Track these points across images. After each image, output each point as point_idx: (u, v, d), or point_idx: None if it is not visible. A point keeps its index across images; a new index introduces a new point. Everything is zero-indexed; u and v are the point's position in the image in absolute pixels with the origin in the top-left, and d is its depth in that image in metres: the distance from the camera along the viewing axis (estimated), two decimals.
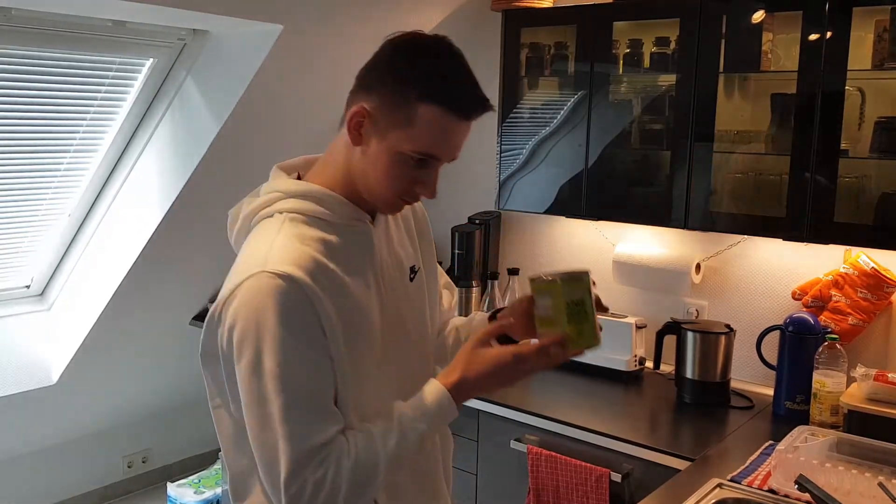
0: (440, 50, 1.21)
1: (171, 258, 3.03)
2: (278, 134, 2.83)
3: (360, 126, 1.22)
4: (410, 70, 1.19)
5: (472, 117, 1.22)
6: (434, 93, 1.17)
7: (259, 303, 1.14)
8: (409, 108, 1.17)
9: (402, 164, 1.21)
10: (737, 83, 2.47)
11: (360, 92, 1.24)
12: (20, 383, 3.07)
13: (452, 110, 1.18)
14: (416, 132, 1.18)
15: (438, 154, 1.21)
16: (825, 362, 2.17)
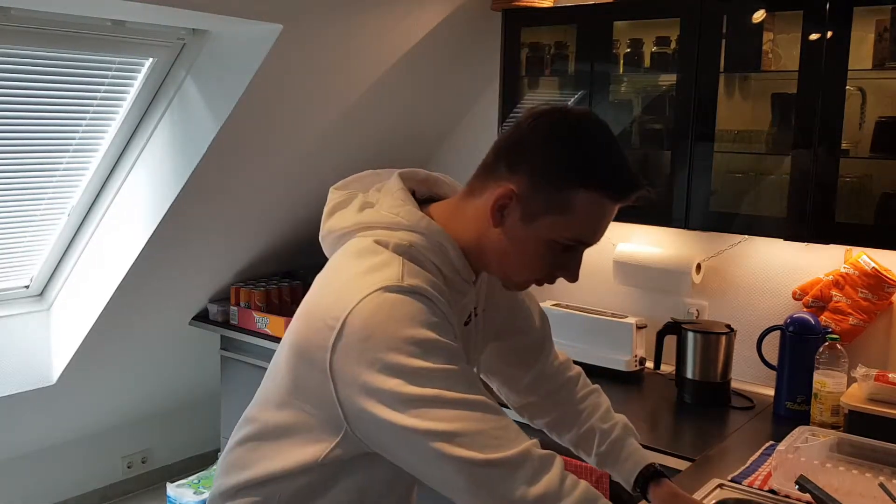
0: (596, 132, 1.14)
1: (170, 258, 3.02)
2: (278, 134, 2.83)
3: (504, 208, 1.13)
4: (570, 156, 1.11)
5: (630, 201, 1.15)
6: (597, 180, 1.10)
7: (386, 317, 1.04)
8: (567, 194, 1.10)
9: (549, 250, 1.14)
10: (737, 83, 2.46)
11: (502, 168, 1.14)
12: (20, 383, 3.06)
13: (613, 196, 1.12)
14: (572, 219, 1.11)
15: (591, 241, 1.15)
16: (826, 362, 2.17)
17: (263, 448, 1.19)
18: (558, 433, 1.50)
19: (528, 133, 1.15)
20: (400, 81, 2.95)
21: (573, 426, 1.46)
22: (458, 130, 3.32)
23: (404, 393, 1.01)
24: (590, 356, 2.61)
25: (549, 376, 1.49)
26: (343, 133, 3.01)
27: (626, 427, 1.48)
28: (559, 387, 1.49)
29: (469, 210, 1.17)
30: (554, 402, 1.49)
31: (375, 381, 1.02)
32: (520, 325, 1.46)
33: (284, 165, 2.97)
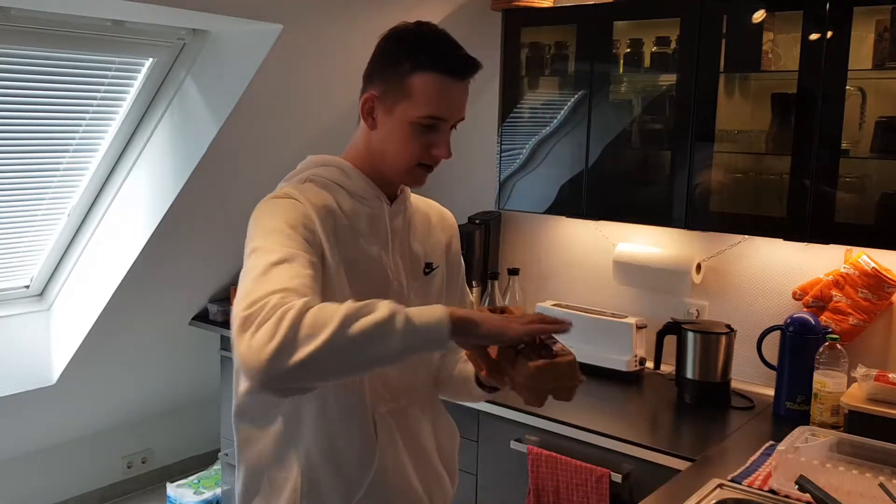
0: (422, 27, 1.36)
1: (170, 258, 3.02)
2: (278, 134, 2.83)
3: (372, 111, 1.36)
4: (399, 50, 1.34)
5: (464, 77, 1.33)
6: (423, 61, 1.31)
7: (265, 213, 1.31)
8: (405, 81, 1.32)
9: (413, 133, 1.33)
10: (737, 83, 2.46)
11: (365, 85, 1.39)
12: (20, 383, 3.07)
13: (442, 72, 1.31)
14: (416, 101, 1.31)
15: (441, 114, 1.33)
16: (826, 362, 2.17)
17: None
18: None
19: (376, 49, 1.40)
20: None
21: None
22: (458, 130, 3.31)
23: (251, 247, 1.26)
24: (590, 356, 2.61)
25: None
26: (343, 133, 2.98)
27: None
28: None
29: (357, 133, 1.43)
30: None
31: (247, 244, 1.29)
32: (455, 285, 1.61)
33: (284, 165, 2.95)
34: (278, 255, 1.20)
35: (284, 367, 1.08)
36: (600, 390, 2.54)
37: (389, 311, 1.13)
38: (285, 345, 1.07)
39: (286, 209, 1.30)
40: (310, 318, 1.10)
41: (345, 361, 1.13)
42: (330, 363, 1.11)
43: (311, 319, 1.10)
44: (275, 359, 1.07)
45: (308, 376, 1.11)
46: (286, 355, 1.07)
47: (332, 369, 1.13)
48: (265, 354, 1.07)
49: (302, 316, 1.10)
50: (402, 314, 1.14)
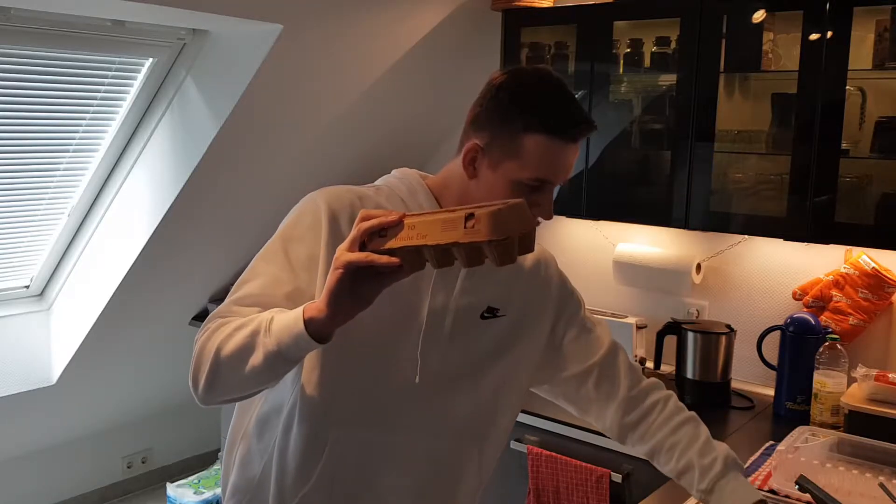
0: (539, 80, 1.29)
1: (170, 258, 3.03)
2: (278, 134, 2.83)
3: (474, 161, 1.29)
4: (513, 104, 1.25)
5: (576, 138, 1.26)
6: (536, 123, 1.23)
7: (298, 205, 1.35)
8: (516, 139, 1.24)
9: (517, 191, 1.25)
10: (737, 83, 2.46)
11: (470, 131, 1.31)
12: (20, 383, 3.07)
13: (554, 136, 1.24)
14: (525, 161, 1.24)
15: (549, 178, 1.26)
16: (826, 362, 2.17)
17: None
18: (658, 464, 1.46)
19: (485, 93, 1.31)
20: (400, 81, 2.95)
21: (670, 459, 1.42)
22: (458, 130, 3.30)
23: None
24: None
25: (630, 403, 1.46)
26: (343, 133, 3.01)
27: (727, 460, 1.39)
28: (646, 412, 1.46)
29: (453, 172, 1.34)
30: (644, 430, 1.46)
31: None
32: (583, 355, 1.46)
33: (284, 165, 2.97)
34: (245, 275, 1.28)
35: (201, 397, 1.23)
36: None
37: (255, 325, 1.15)
38: (195, 380, 1.22)
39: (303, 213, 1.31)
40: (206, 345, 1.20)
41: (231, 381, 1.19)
42: (221, 385, 1.20)
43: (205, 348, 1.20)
44: (195, 392, 1.23)
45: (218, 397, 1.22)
46: (197, 389, 1.23)
47: (228, 389, 1.21)
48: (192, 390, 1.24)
49: (203, 345, 1.20)
50: (265, 326, 1.14)
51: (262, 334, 1.13)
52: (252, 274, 1.27)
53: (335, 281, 1.05)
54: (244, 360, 1.15)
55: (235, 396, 1.23)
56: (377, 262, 1.04)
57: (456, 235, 1.01)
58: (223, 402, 1.24)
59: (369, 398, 1.30)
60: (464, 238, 1.01)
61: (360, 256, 1.04)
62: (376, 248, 1.06)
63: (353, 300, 1.07)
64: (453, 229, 1.02)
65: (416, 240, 1.04)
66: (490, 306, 1.36)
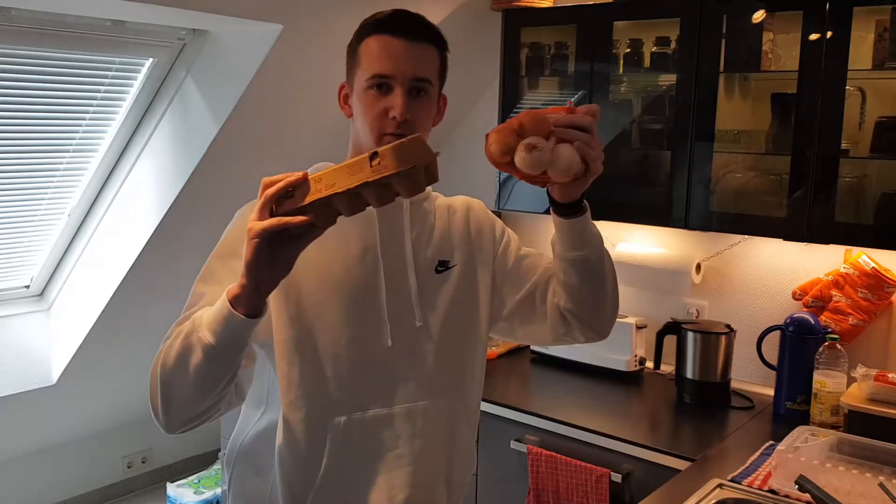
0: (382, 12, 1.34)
1: (170, 258, 3.02)
2: (278, 134, 2.83)
3: (347, 98, 1.37)
4: (355, 34, 1.34)
5: (407, 35, 1.29)
6: (367, 30, 1.31)
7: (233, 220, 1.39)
8: (356, 53, 1.32)
9: (369, 100, 1.29)
10: (737, 83, 2.47)
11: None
12: (20, 383, 3.07)
13: (384, 32, 1.29)
14: (364, 64, 1.30)
15: (385, 71, 1.28)
16: (826, 362, 2.17)
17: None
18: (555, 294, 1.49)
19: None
20: None
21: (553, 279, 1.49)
22: (458, 130, 3.32)
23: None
24: (590, 356, 2.61)
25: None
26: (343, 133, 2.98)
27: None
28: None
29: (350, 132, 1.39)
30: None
31: None
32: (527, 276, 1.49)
33: (284, 165, 2.96)
34: (188, 300, 1.33)
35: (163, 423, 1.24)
36: (600, 390, 2.54)
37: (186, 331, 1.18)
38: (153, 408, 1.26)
39: (235, 228, 1.36)
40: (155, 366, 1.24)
41: (185, 392, 1.20)
42: (176, 400, 1.21)
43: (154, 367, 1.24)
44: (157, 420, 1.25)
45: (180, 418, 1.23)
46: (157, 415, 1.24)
47: (185, 403, 1.21)
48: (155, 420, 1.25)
49: (154, 366, 1.24)
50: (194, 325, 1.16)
51: (195, 332, 1.15)
52: (195, 298, 1.31)
53: (252, 251, 1.06)
54: (187, 364, 1.16)
55: (198, 411, 1.20)
56: (290, 223, 1.05)
57: (363, 176, 1.05)
58: (190, 424, 1.22)
59: (352, 375, 1.33)
60: (372, 176, 1.04)
61: (272, 222, 1.05)
62: (287, 210, 1.07)
63: (274, 267, 1.08)
64: (360, 171, 1.05)
65: (324, 191, 1.06)
66: (440, 260, 1.41)
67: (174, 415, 1.21)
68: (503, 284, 1.47)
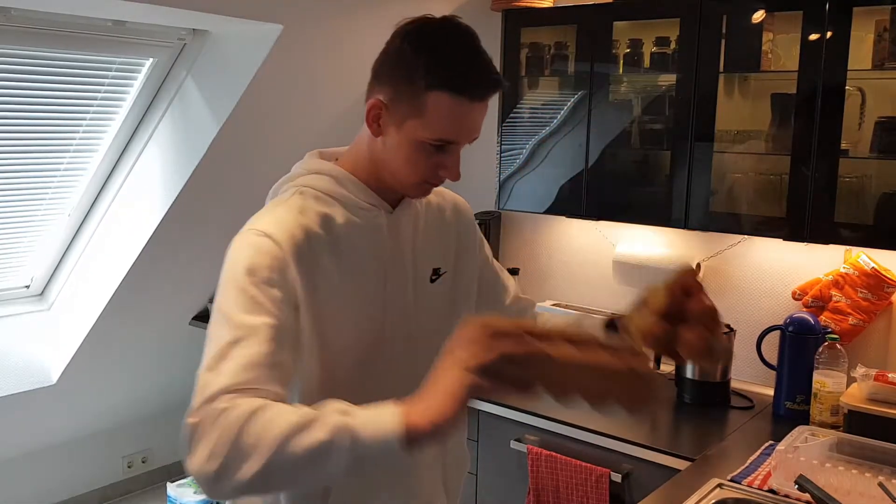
0: (446, 34, 1.21)
1: (170, 258, 3.03)
2: (278, 133, 2.83)
3: (378, 118, 1.24)
4: (417, 59, 1.18)
5: (483, 98, 1.22)
6: (440, 80, 1.17)
7: (236, 254, 1.22)
8: (419, 97, 1.18)
9: (421, 151, 1.22)
10: (737, 83, 2.47)
11: (374, 84, 1.26)
12: (20, 383, 3.06)
13: (460, 94, 1.18)
14: (428, 120, 1.19)
15: (454, 138, 1.22)
16: (825, 362, 2.17)
17: None
18: None
19: (390, 43, 1.24)
20: None
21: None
22: None
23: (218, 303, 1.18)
24: None
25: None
26: (343, 133, 3.00)
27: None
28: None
29: (361, 135, 1.31)
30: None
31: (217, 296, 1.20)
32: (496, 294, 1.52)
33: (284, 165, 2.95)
34: (235, 332, 1.11)
35: (227, 488, 1.03)
36: None
37: (333, 427, 1.01)
38: (225, 466, 1.01)
39: (258, 253, 1.19)
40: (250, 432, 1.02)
41: (289, 482, 1.05)
42: (273, 483, 1.04)
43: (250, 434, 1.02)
44: (217, 481, 1.02)
45: (255, 493, 1.08)
46: (227, 478, 1.02)
47: (278, 487, 1.08)
48: (208, 476, 1.02)
49: (242, 429, 1.02)
50: (347, 432, 1.00)
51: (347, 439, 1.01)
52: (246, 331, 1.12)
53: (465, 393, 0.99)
54: (318, 464, 1.02)
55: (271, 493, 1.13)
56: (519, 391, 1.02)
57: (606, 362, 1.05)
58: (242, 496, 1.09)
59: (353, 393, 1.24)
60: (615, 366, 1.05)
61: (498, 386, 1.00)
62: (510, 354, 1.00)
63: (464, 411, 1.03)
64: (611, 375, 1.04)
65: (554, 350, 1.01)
66: (434, 268, 1.38)
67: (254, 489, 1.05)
68: (480, 295, 1.48)
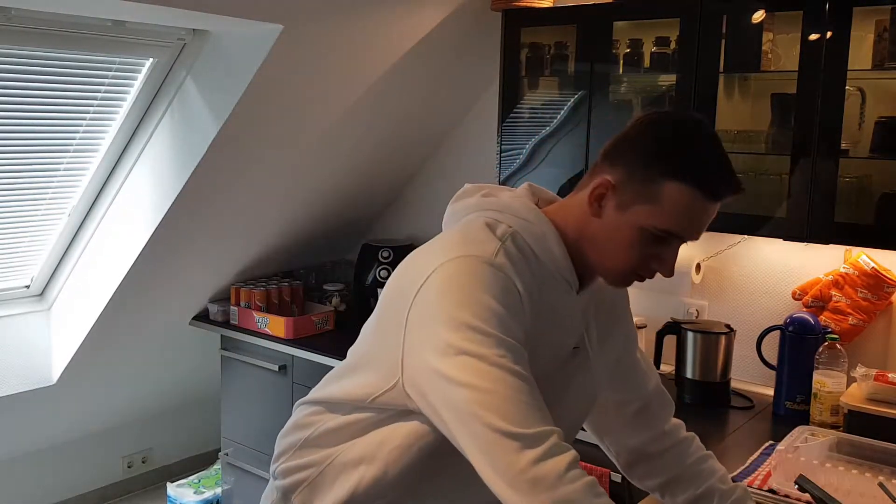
0: (693, 129, 1.18)
1: (170, 258, 3.03)
2: (278, 134, 2.83)
3: (602, 198, 1.20)
4: (661, 146, 1.16)
5: (721, 199, 1.18)
6: (683, 171, 1.14)
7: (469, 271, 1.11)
8: (656, 184, 1.15)
9: (642, 240, 1.18)
10: (737, 83, 2.47)
11: (604, 164, 1.21)
12: (20, 383, 3.06)
13: (700, 190, 1.15)
14: (660, 209, 1.15)
15: (682, 234, 1.18)
16: (825, 362, 2.17)
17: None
18: (671, 494, 1.45)
19: (631, 131, 1.21)
20: (399, 82, 2.95)
21: (690, 486, 1.42)
22: (458, 130, 3.32)
23: (456, 344, 1.07)
24: None
25: (659, 437, 1.47)
26: (343, 133, 3.01)
27: (745, 491, 1.43)
28: (670, 447, 1.47)
29: (574, 204, 1.24)
30: (665, 463, 1.46)
31: (437, 330, 1.09)
32: (631, 385, 1.46)
33: (284, 165, 2.97)
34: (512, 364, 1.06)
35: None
36: None
37: None
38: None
39: (500, 289, 1.11)
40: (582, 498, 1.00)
41: None
42: None
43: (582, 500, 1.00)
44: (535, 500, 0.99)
45: None
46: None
47: None
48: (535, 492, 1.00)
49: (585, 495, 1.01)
50: None
51: None
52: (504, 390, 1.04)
53: None
54: None
55: None
56: None
57: None
58: None
59: None
60: None
61: None
62: None
63: None
64: None
65: None
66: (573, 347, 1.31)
67: None
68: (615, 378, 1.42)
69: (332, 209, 3.42)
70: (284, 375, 3.09)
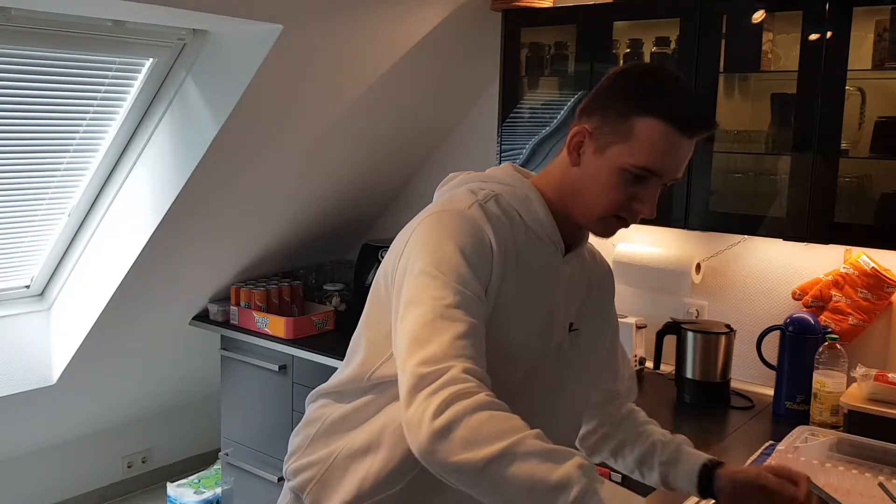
0: (662, 71, 1.24)
1: (170, 258, 3.03)
2: (278, 134, 2.83)
3: (580, 146, 1.23)
4: (631, 88, 1.20)
5: (693, 134, 1.19)
6: (653, 106, 1.17)
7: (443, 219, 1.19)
8: (628, 122, 1.18)
9: (620, 180, 1.20)
10: (737, 83, 2.47)
11: (579, 117, 1.25)
12: (20, 383, 3.07)
13: (671, 124, 1.17)
14: (635, 146, 1.18)
15: (657, 169, 1.19)
16: (825, 362, 2.17)
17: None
18: (622, 455, 1.49)
19: (603, 83, 1.25)
20: (399, 82, 2.95)
21: (636, 444, 1.47)
22: (458, 130, 3.32)
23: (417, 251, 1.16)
24: None
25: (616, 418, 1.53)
26: (343, 133, 3.01)
27: (686, 440, 1.46)
28: (622, 419, 1.52)
29: (554, 165, 1.29)
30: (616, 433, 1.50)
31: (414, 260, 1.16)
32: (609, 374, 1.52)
33: (284, 165, 2.97)
34: (451, 298, 1.10)
35: (436, 458, 1.02)
36: None
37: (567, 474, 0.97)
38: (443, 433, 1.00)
39: (468, 232, 1.17)
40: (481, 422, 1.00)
41: (489, 492, 1.02)
42: (474, 484, 1.01)
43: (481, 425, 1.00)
44: (433, 442, 1.01)
45: (451, 479, 1.03)
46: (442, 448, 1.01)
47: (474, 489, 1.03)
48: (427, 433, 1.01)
49: (473, 414, 1.01)
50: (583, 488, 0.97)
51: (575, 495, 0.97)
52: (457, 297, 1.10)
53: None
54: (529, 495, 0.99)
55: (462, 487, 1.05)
56: None
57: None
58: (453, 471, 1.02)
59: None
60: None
61: None
62: None
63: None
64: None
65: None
66: (569, 322, 1.34)
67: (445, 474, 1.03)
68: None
69: (332, 209, 3.42)
70: (284, 375, 3.09)
